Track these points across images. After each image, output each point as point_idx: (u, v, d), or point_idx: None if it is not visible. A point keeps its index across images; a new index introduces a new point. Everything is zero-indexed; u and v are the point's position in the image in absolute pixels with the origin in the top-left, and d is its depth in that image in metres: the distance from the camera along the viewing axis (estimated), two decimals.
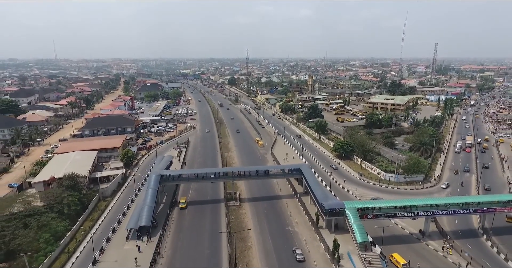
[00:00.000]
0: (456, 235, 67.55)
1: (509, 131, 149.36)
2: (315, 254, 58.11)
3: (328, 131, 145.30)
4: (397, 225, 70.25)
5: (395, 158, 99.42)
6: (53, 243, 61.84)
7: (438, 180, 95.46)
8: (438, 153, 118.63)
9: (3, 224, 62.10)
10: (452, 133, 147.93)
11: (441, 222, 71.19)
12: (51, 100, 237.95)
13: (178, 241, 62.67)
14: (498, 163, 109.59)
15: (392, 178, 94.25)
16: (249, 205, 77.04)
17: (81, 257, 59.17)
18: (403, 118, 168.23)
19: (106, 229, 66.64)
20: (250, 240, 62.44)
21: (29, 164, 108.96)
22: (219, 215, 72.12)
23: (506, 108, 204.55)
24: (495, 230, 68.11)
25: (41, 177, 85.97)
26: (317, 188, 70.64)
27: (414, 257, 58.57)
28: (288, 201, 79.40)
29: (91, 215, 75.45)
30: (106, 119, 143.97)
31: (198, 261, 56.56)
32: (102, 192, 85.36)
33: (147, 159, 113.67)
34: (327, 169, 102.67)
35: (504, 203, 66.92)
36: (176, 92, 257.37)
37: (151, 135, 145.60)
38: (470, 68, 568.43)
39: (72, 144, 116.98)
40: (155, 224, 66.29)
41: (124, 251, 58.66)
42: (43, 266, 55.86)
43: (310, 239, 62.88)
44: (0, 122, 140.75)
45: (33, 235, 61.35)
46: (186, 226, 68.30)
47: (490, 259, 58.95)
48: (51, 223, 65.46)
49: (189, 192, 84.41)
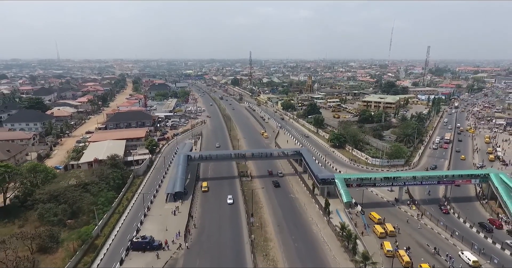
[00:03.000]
0: (425, 202, 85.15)
1: (485, 126, 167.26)
2: (311, 211, 75.96)
3: (325, 126, 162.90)
4: (377, 195, 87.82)
5: (380, 146, 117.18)
6: (107, 205, 79.45)
7: (416, 164, 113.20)
8: (420, 143, 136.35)
9: (67, 192, 79.54)
10: (435, 128, 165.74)
11: (414, 193, 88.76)
12: (67, 98, 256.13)
13: (205, 204, 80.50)
14: (471, 151, 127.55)
15: (377, 162, 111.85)
16: (259, 180, 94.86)
17: (131, 214, 76.80)
18: (393, 115, 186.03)
19: (146, 196, 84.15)
20: (261, 203, 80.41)
21: (65, 151, 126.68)
22: (235, 186, 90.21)
23: (490, 107, 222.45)
24: (454, 199, 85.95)
25: (85, 159, 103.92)
26: (314, 165, 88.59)
27: (388, 216, 75.96)
28: (290, 177, 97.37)
29: (130, 188, 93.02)
30: (127, 114, 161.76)
31: (223, 217, 74.26)
32: (136, 171, 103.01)
33: (167, 148, 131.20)
34: (322, 155, 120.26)
35: (459, 176, 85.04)
36: (183, 91, 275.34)
37: (167, 128, 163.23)
38: (465, 69, 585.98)
39: (102, 134, 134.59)
40: (186, 192, 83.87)
41: (164, 209, 76.51)
42: (103, 220, 73.43)
43: (308, 202, 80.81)
44: (34, 117, 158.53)
45: (91, 199, 78.90)
46: (209, 194, 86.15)
47: (450, 221, 76.00)
48: (103, 191, 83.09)
49: (208, 171, 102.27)
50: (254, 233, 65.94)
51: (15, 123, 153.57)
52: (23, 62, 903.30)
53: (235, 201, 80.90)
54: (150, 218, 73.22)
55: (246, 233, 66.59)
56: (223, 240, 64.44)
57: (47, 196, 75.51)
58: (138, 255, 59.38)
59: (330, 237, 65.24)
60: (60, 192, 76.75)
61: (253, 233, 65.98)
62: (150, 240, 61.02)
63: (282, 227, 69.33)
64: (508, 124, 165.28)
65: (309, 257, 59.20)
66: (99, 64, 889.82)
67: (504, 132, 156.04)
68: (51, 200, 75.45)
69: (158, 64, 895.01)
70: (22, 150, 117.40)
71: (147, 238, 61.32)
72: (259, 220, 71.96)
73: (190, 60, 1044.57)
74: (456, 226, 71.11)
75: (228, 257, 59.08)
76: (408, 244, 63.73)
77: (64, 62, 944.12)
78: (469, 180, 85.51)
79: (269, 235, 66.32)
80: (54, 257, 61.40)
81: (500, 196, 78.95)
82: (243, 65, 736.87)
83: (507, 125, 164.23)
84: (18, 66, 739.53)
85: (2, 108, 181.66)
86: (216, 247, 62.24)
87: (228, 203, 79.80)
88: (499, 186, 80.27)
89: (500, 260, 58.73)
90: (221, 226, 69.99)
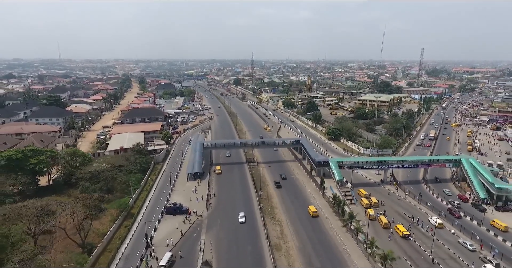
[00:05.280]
0: (406, 183, 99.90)
1: (470, 122, 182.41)
2: (309, 188, 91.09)
3: (323, 122, 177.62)
4: (366, 177, 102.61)
5: (371, 138, 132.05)
6: (137, 183, 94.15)
7: (403, 154, 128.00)
8: (408, 137, 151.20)
9: (104, 172, 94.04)
10: (424, 124, 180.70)
11: (397, 175, 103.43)
12: (79, 96, 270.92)
13: (219, 182, 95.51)
14: (453, 144, 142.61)
15: (368, 152, 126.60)
16: (264, 165, 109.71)
17: (157, 190, 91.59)
18: (387, 113, 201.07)
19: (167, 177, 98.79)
20: (267, 182, 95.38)
21: (88, 143, 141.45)
22: (244, 170, 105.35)
23: (477, 105, 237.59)
24: (432, 180, 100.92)
25: (111, 147, 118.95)
26: (312, 151, 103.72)
27: (374, 193, 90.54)
28: (291, 163, 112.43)
29: (153, 172, 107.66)
30: (142, 110, 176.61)
31: (236, 191, 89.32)
32: (156, 158, 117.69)
33: (180, 140, 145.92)
34: (319, 146, 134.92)
35: (436, 161, 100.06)
36: (189, 90, 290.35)
37: (178, 123, 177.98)
38: (461, 70, 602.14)
39: (121, 128, 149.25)
40: (203, 173, 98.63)
41: (186, 187, 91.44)
42: (135, 195, 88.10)
43: (306, 181, 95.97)
44: (55, 113, 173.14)
45: (124, 179, 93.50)
46: (222, 176, 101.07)
47: (426, 196, 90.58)
48: (132, 173, 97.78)
49: (220, 158, 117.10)
50: (263, 203, 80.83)
51: (39, 119, 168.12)
52: (25, 62, 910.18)
53: (245, 180, 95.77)
54: (176, 192, 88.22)
55: (256, 203, 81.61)
56: (238, 207, 79.38)
57: (88, 174, 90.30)
58: (171, 217, 74.26)
59: (324, 206, 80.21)
60: (100, 171, 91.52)
61: (261, 202, 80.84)
62: (180, 206, 75.94)
63: (285, 199, 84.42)
64: (490, 121, 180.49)
65: (307, 219, 74.07)
66: (101, 64, 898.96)
67: (487, 127, 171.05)
68: (92, 178, 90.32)
69: (159, 65, 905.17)
70: (52, 140, 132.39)
71: (177, 204, 76.23)
72: (266, 193, 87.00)
73: (191, 61, 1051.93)
74: (431, 201, 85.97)
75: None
76: (388, 212, 78.54)
77: (66, 62, 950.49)
78: (444, 164, 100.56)
79: (274, 204, 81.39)
80: (100, 222, 75.91)
81: (468, 176, 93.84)
82: (244, 66, 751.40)
83: (489, 121, 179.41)
84: (20, 66, 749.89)
85: (24, 105, 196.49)
86: (232, 212, 77.08)
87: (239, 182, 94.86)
88: (468, 169, 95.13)
89: (461, 223, 73.76)
90: (235, 198, 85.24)
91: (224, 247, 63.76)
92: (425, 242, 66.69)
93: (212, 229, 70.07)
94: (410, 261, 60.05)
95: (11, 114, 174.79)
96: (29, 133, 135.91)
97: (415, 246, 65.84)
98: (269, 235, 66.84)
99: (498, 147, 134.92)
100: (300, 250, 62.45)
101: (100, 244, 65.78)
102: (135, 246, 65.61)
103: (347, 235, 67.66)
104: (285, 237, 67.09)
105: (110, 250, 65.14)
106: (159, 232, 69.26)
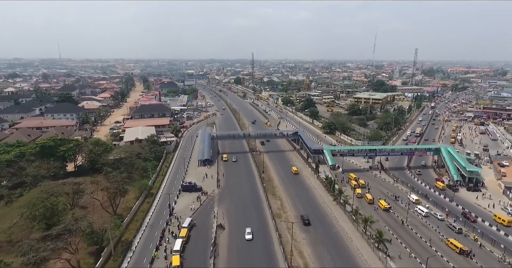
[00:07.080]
0: (392, 169, 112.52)
1: (457, 118, 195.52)
2: (305, 172, 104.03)
3: (320, 118, 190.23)
4: (356, 165, 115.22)
5: (363, 131, 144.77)
6: (153, 168, 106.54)
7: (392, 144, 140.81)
8: (397, 131, 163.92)
9: (125, 159, 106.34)
10: (412, 121, 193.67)
11: (385, 163, 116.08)
12: (87, 94, 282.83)
13: (227, 168, 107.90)
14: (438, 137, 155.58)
15: (359, 143, 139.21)
16: (266, 154, 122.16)
17: (171, 174, 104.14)
18: (379, 110, 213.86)
19: (179, 164, 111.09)
20: (268, 167, 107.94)
21: (102, 136, 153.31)
22: (248, 157, 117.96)
23: (466, 103, 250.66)
24: (416, 167, 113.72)
25: (126, 139, 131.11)
26: (308, 140, 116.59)
27: (362, 177, 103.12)
28: (290, 152, 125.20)
29: (166, 160, 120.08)
30: (150, 106, 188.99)
31: (242, 174, 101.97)
32: (167, 149, 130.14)
33: (187, 133, 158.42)
34: (315, 138, 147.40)
35: (418, 150, 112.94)
36: (192, 89, 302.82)
37: (184, 119, 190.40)
38: (456, 70, 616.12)
39: (133, 122, 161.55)
40: (211, 160, 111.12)
41: (198, 171, 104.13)
42: (152, 179, 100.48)
43: (303, 166, 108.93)
44: (69, 109, 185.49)
45: (142, 165, 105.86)
46: (229, 162, 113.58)
47: (408, 180, 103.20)
48: (149, 160, 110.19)
49: (225, 148, 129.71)
50: (265, 183, 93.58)
51: (54, 114, 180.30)
52: (25, 61, 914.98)
53: (249, 166, 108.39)
54: (189, 175, 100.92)
55: (259, 183, 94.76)
56: (244, 186, 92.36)
57: (112, 160, 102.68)
58: (187, 194, 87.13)
59: (318, 186, 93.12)
60: (120, 158, 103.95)
61: (264, 183, 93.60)
62: (194, 184, 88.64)
63: (284, 180, 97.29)
64: (475, 117, 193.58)
65: (304, 195, 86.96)
66: (101, 63, 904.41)
67: (472, 122, 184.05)
68: (115, 164, 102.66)
69: (159, 64, 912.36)
70: (71, 133, 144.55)
71: (192, 183, 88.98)
72: (268, 176, 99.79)
73: (190, 60, 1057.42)
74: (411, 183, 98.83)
75: (248, 195, 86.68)
76: (374, 192, 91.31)
77: (66, 61, 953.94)
78: (425, 152, 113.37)
79: (275, 184, 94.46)
80: (126, 200, 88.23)
81: (446, 162, 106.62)
82: (243, 66, 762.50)
83: (474, 117, 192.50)
84: (21, 65, 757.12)
85: (38, 102, 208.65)
86: (239, 190, 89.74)
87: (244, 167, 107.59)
88: (446, 156, 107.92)
89: (434, 198, 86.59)
90: (241, 179, 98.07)
91: (233, 215, 76.41)
92: (402, 213, 79.38)
93: (223, 203, 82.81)
94: (386, 224, 72.87)
95: (28, 110, 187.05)
96: (48, 127, 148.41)
97: (394, 216, 78.58)
98: (271, 206, 79.56)
99: (479, 139, 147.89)
100: (296, 218, 75.06)
101: (128, 215, 78.37)
102: (158, 217, 78.27)
103: (337, 207, 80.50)
104: (284, 208, 79.98)
105: (137, 220, 77.74)
106: (178, 205, 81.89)
